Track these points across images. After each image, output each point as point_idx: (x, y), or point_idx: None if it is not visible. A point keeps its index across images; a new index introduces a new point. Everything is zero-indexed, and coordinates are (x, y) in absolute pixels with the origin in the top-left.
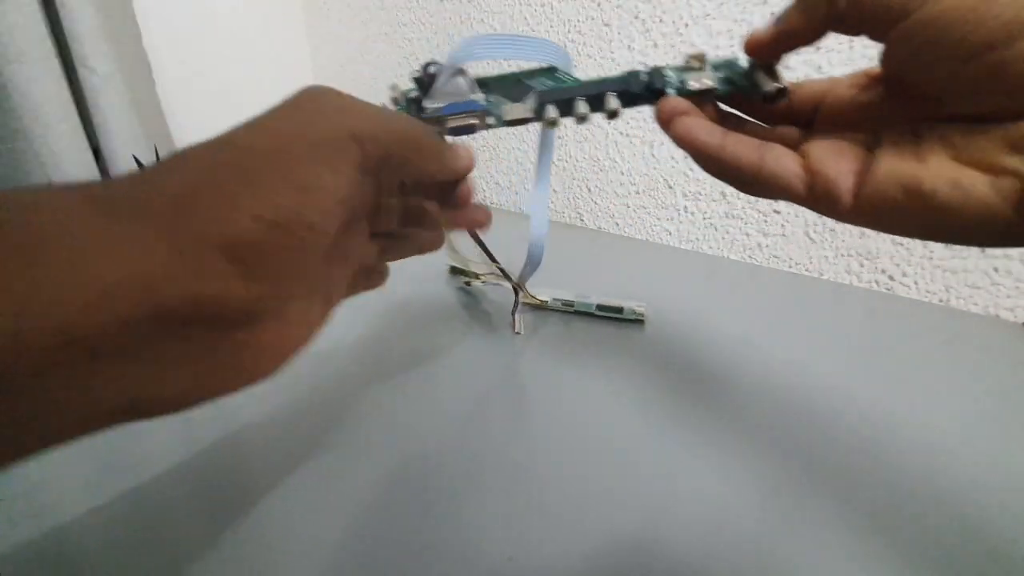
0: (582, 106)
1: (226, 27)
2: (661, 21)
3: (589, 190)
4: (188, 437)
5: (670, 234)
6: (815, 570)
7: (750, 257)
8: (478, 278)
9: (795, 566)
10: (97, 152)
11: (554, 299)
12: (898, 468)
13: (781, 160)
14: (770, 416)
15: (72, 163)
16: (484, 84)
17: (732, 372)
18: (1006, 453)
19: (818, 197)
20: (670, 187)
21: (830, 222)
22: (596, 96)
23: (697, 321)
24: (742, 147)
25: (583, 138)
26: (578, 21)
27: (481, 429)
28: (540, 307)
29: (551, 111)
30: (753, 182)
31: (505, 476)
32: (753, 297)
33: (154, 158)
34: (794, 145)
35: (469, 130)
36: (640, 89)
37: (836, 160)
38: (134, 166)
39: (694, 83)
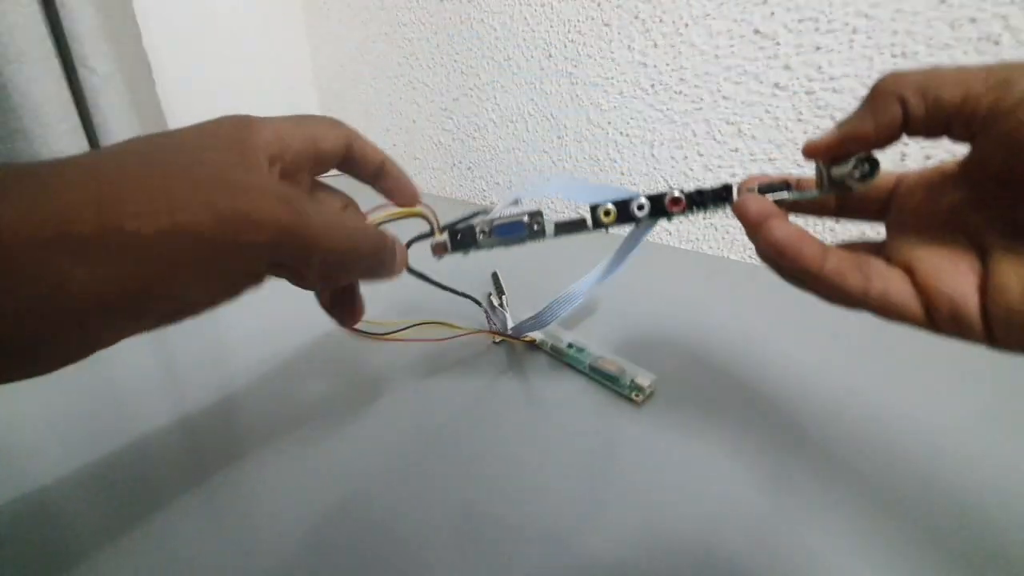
0: (642, 200)
1: (226, 27)
2: (661, 21)
3: None
4: (180, 411)
5: (670, 234)
6: (814, 571)
7: (750, 257)
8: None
9: (796, 566)
10: None
11: (543, 340)
12: (898, 468)
13: (889, 280)
14: (770, 415)
15: None
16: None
17: (732, 372)
18: (1006, 453)
19: (943, 322)
20: (670, 187)
21: (829, 222)
22: (657, 196)
23: (697, 322)
24: (844, 264)
25: (583, 138)
26: (578, 21)
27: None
28: (530, 344)
29: (608, 206)
30: (859, 305)
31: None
32: (753, 297)
33: None
34: (879, 251)
35: (517, 229)
36: (707, 190)
37: (950, 275)
38: None
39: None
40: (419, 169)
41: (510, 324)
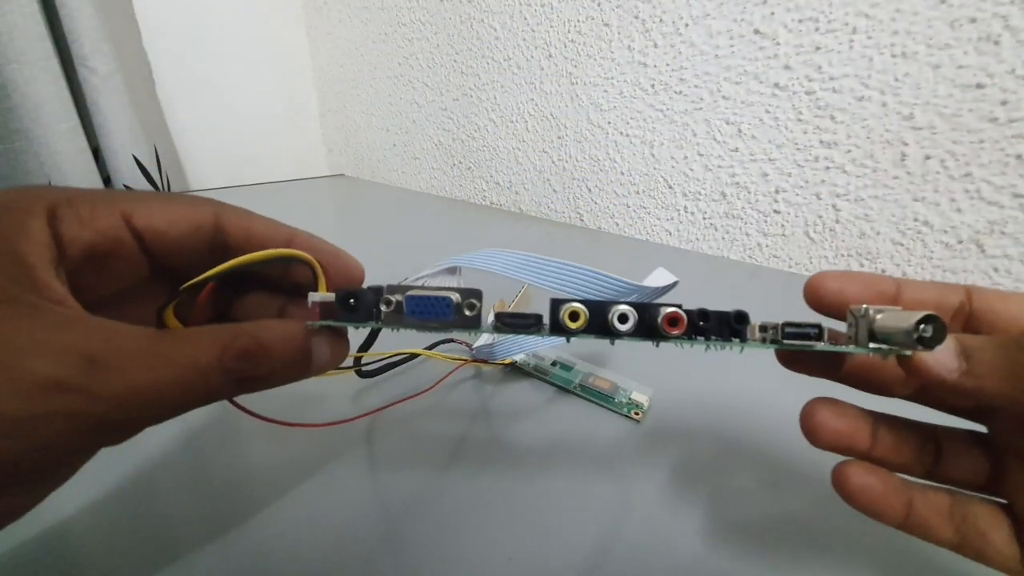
0: (625, 309)
1: (226, 27)
2: (661, 21)
3: (589, 190)
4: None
5: (670, 234)
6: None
7: (750, 257)
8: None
9: (797, 565)
10: (97, 152)
11: (524, 360)
12: None
13: (989, 542)
14: (768, 415)
15: (72, 163)
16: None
17: (732, 372)
18: None
19: None
20: (670, 187)
21: (830, 222)
22: (641, 305)
23: None
24: (934, 515)
25: (583, 138)
26: (578, 21)
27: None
28: (509, 366)
29: (576, 306)
30: (956, 551)
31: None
32: (753, 297)
33: (154, 158)
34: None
35: (440, 309)
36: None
37: None
38: (134, 166)
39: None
40: (419, 169)
41: (477, 343)
